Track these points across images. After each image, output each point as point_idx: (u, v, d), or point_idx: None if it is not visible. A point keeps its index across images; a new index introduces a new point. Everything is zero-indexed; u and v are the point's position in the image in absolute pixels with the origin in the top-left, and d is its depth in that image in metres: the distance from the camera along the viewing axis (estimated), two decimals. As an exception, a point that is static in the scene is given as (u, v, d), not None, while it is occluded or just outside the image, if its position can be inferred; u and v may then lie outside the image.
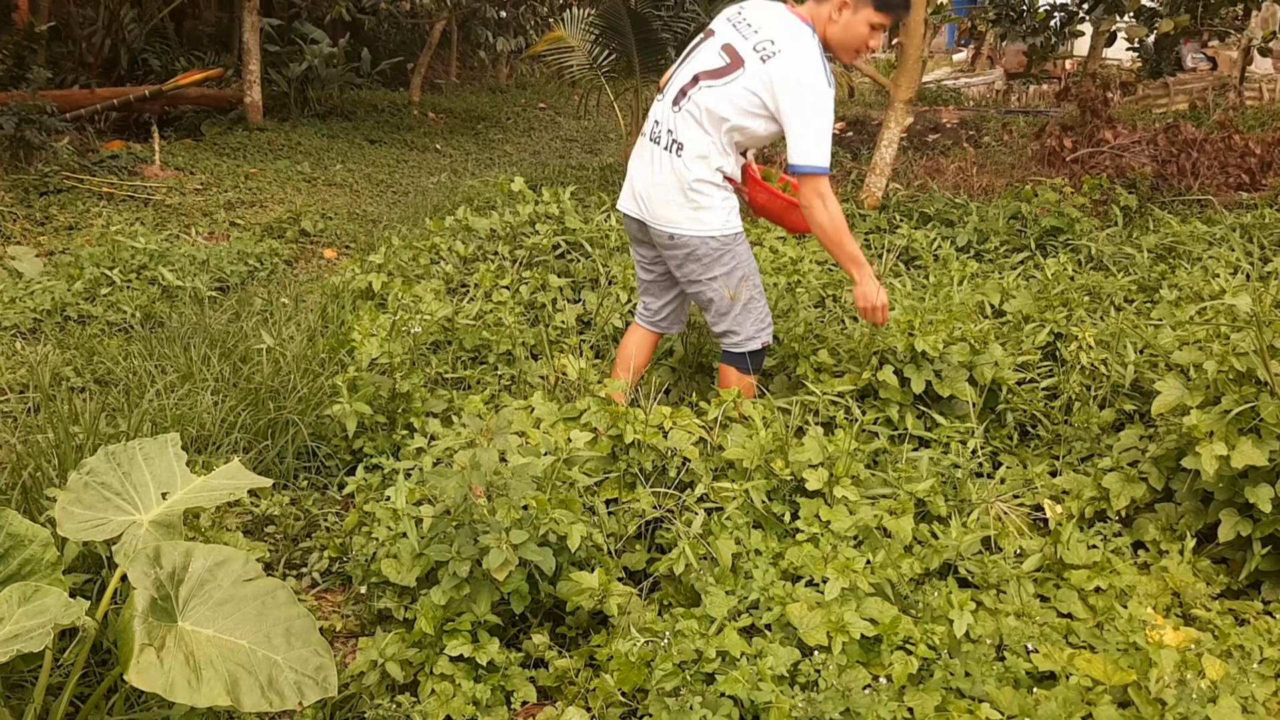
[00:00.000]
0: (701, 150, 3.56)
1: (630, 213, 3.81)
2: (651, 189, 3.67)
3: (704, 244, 3.62)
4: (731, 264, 3.67)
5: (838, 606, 2.64)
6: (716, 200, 3.60)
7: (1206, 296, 4.64)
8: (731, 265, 3.67)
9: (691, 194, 3.57)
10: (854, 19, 3.49)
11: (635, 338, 4.11)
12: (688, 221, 3.60)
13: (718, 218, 3.60)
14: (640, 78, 9.02)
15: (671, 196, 3.61)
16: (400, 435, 3.85)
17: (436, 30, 15.62)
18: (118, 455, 2.67)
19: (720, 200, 3.60)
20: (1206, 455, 3.03)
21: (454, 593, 2.65)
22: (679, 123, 3.61)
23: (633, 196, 3.79)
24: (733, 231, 3.64)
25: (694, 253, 3.65)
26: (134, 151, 9.76)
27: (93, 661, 2.62)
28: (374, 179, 10.53)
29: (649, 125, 3.77)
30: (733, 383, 3.80)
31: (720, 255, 3.64)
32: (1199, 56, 18.45)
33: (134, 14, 13.20)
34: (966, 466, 3.52)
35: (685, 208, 3.59)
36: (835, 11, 3.49)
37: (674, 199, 3.61)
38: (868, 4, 3.47)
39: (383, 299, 5.37)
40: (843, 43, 3.55)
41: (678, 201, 3.60)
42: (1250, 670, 2.62)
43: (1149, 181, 7.51)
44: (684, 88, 3.62)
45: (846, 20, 3.49)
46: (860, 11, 3.48)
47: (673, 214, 3.62)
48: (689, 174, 3.56)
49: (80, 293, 5.68)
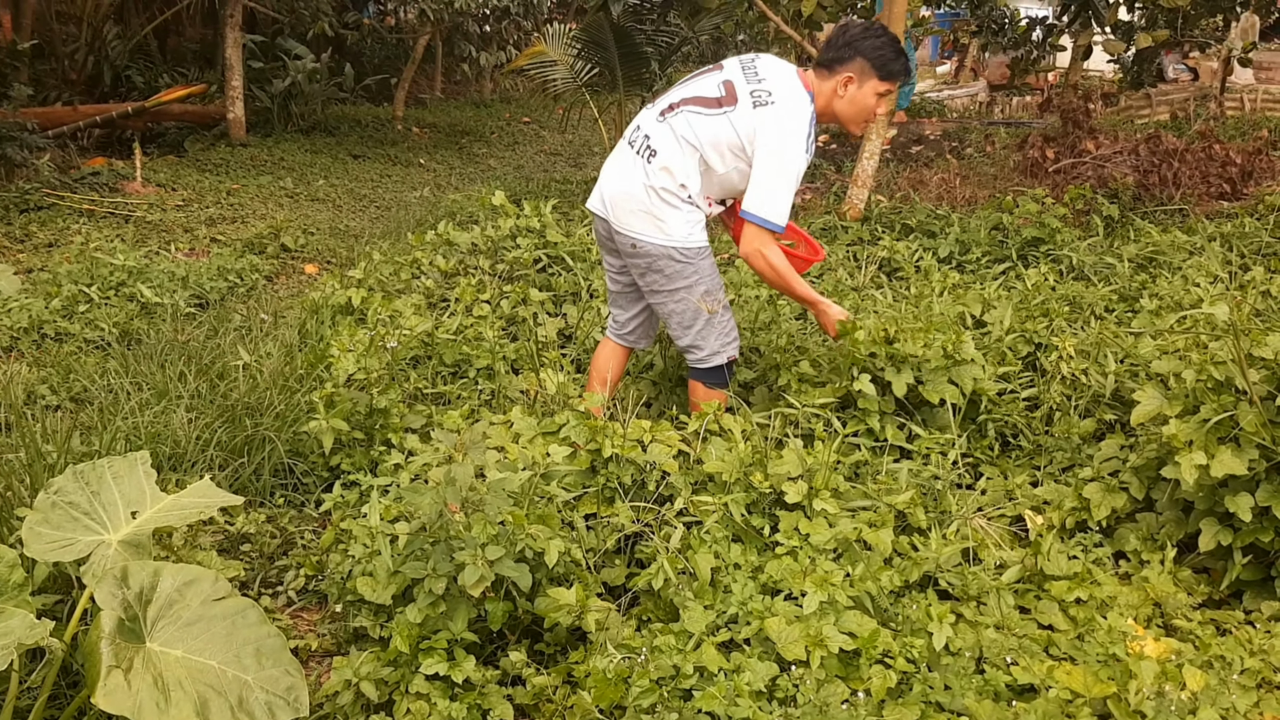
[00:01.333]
0: (672, 163, 3.59)
1: (597, 211, 3.83)
2: (619, 195, 3.69)
3: (666, 255, 3.64)
4: (694, 278, 3.68)
5: (816, 620, 2.61)
6: (680, 212, 3.62)
7: (1186, 306, 4.65)
8: (693, 280, 3.68)
9: (655, 202, 3.60)
10: (860, 93, 3.59)
11: (606, 351, 4.12)
12: (650, 230, 3.63)
13: (680, 230, 3.62)
14: (623, 91, 9.03)
15: (637, 203, 3.63)
16: (378, 451, 3.82)
17: (420, 45, 15.62)
18: (86, 474, 2.64)
19: (684, 213, 3.63)
20: (1186, 464, 3.03)
21: (430, 610, 2.62)
22: (658, 132, 3.65)
23: (600, 198, 3.80)
24: (695, 245, 3.66)
25: (655, 263, 3.67)
26: (116, 168, 9.73)
27: (62, 683, 2.58)
28: (357, 194, 10.52)
29: (630, 129, 3.80)
30: (700, 397, 3.80)
31: (682, 268, 3.66)
32: (1180, 67, 18.59)
33: (117, 31, 13.18)
34: (947, 478, 3.51)
35: (649, 216, 3.62)
36: (841, 87, 3.59)
37: (639, 206, 3.63)
38: (872, 76, 3.56)
39: (362, 314, 5.35)
40: (850, 116, 3.65)
41: (642, 209, 3.63)
42: (1231, 681, 2.60)
43: (1130, 191, 7.54)
44: (674, 104, 3.67)
45: (853, 95, 3.60)
46: (866, 84, 3.58)
47: (636, 222, 3.65)
48: (654, 180, 3.60)
49: (58, 310, 5.64)
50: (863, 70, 3.56)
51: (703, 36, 10.65)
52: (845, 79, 3.57)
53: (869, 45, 3.56)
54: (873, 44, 3.56)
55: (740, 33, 15.70)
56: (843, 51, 3.58)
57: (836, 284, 5.24)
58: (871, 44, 3.56)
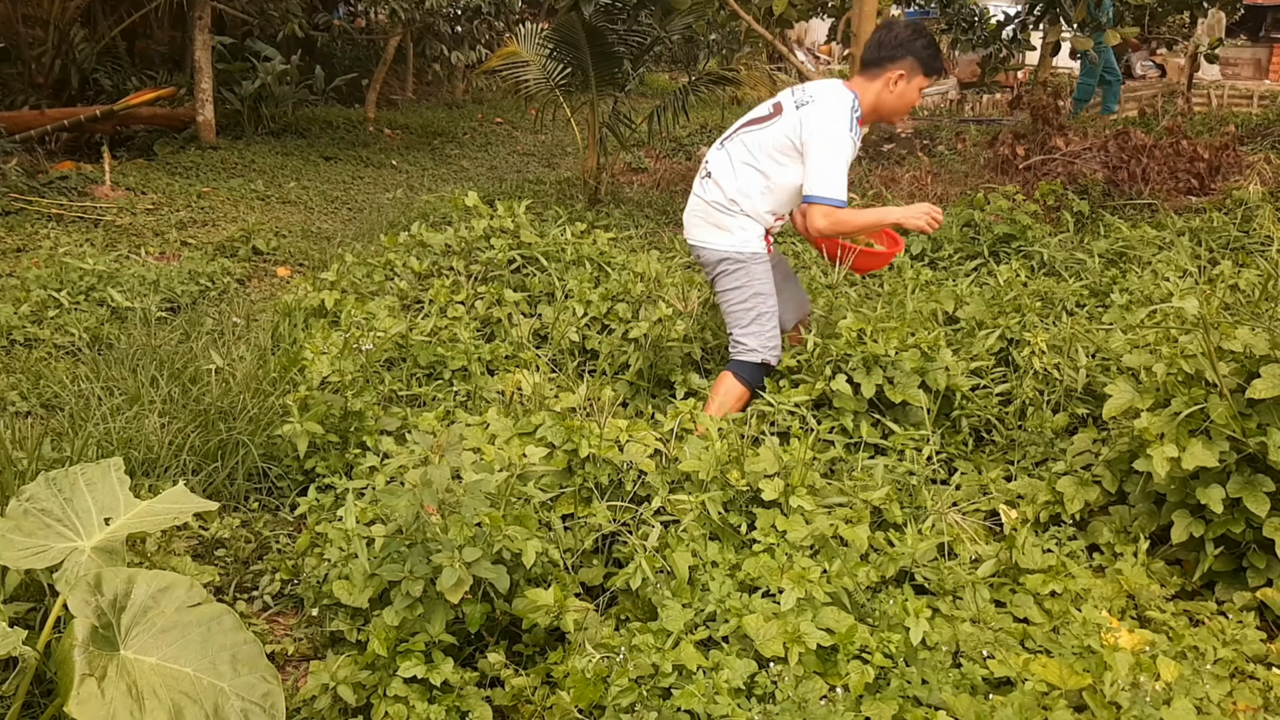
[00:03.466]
0: (723, 180, 4.01)
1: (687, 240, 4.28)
2: (688, 214, 4.19)
3: (722, 258, 4.04)
4: (744, 280, 4.03)
5: (794, 617, 2.62)
6: (735, 220, 4.00)
7: (1156, 300, 4.70)
8: (744, 281, 4.03)
9: (711, 213, 4.04)
10: (908, 87, 3.95)
11: None
12: (710, 237, 4.07)
13: (736, 237, 4.01)
14: (596, 91, 9.01)
15: (698, 216, 4.12)
16: (353, 454, 3.80)
17: (391, 46, 15.55)
18: (59, 481, 2.62)
19: (738, 222, 4.01)
20: (1158, 457, 3.06)
21: (407, 613, 2.62)
22: (716, 157, 4.10)
23: (685, 226, 4.26)
24: (750, 251, 4.01)
25: (715, 266, 4.08)
26: (84, 172, 9.63)
27: (35, 692, 2.55)
28: (329, 196, 10.45)
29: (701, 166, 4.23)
30: (724, 389, 4.01)
31: (735, 271, 4.03)
32: (1148, 64, 18.75)
33: (84, 34, 13.03)
34: (922, 473, 3.53)
35: (707, 225, 4.07)
36: (891, 85, 3.93)
37: (699, 218, 4.11)
38: (919, 72, 3.93)
39: (335, 316, 5.31)
40: (896, 108, 4.01)
41: (701, 219, 4.10)
42: (1204, 671, 2.63)
43: (1100, 187, 7.60)
44: (732, 133, 4.12)
45: (902, 90, 3.95)
46: (914, 80, 3.94)
47: (698, 232, 4.13)
48: (708, 195, 4.05)
49: (27, 315, 5.57)
50: (912, 68, 3.91)
51: (675, 36, 10.64)
52: (896, 75, 3.91)
53: (919, 45, 3.90)
54: (921, 44, 3.90)
55: (712, 32, 15.70)
56: (895, 51, 3.91)
57: (810, 281, 5.25)
58: (920, 44, 3.90)
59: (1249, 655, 2.75)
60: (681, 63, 19.06)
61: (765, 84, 14.03)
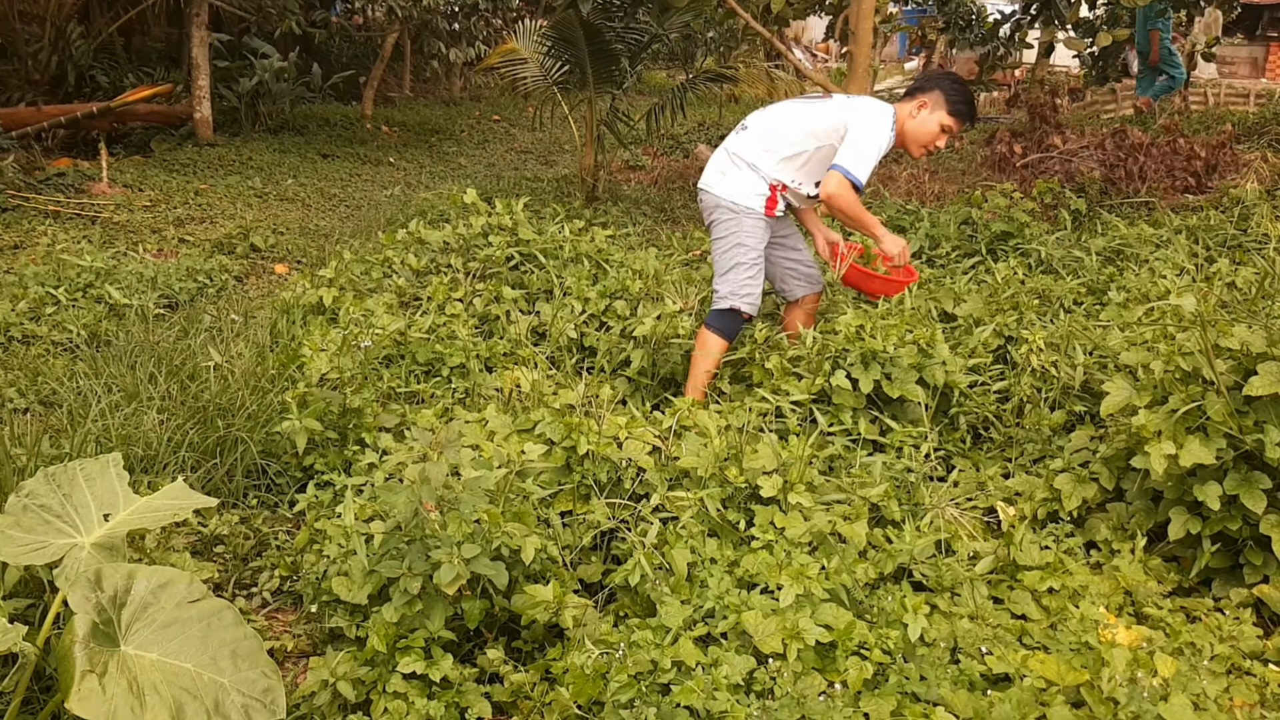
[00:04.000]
0: (754, 133, 4.23)
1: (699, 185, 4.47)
2: (710, 160, 4.39)
3: (717, 204, 4.25)
4: (733, 229, 4.22)
5: (793, 613, 2.63)
6: (741, 174, 4.21)
7: (1153, 298, 4.70)
8: (732, 230, 4.22)
9: (725, 162, 4.27)
10: (930, 117, 4.16)
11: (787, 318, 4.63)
12: (713, 182, 4.28)
13: (737, 189, 4.20)
14: (594, 89, 9.00)
15: (714, 162, 4.33)
16: (352, 451, 3.80)
17: (388, 43, 15.53)
18: (58, 477, 2.61)
19: (744, 175, 4.21)
20: (1155, 454, 3.06)
21: (406, 609, 2.62)
22: (759, 116, 4.33)
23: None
24: (745, 205, 4.19)
25: (709, 210, 4.31)
26: (81, 169, 9.62)
27: (35, 688, 2.55)
28: (326, 193, 10.45)
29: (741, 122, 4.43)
30: (701, 341, 4.22)
31: (726, 220, 4.22)
32: (1145, 63, 18.73)
33: (81, 30, 13.01)
34: (920, 470, 3.53)
35: (714, 171, 4.30)
36: (915, 109, 4.18)
37: (714, 165, 4.32)
38: (943, 107, 4.14)
39: (334, 314, 5.31)
40: (915, 136, 4.19)
41: (716, 166, 4.31)
42: (1201, 667, 2.64)
43: (1097, 185, 7.61)
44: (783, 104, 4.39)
45: (924, 117, 4.16)
46: (936, 112, 4.15)
47: (707, 176, 4.34)
48: (732, 144, 4.28)
49: (25, 312, 5.57)
50: (937, 101, 4.14)
51: (672, 34, 10.63)
52: (921, 103, 4.17)
53: (947, 83, 4.18)
54: (950, 83, 4.19)
55: (710, 29, 15.70)
56: (926, 83, 4.22)
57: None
58: (949, 83, 4.19)
59: (1245, 651, 2.76)
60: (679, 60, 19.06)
61: (763, 81, 14.02)
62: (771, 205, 4.22)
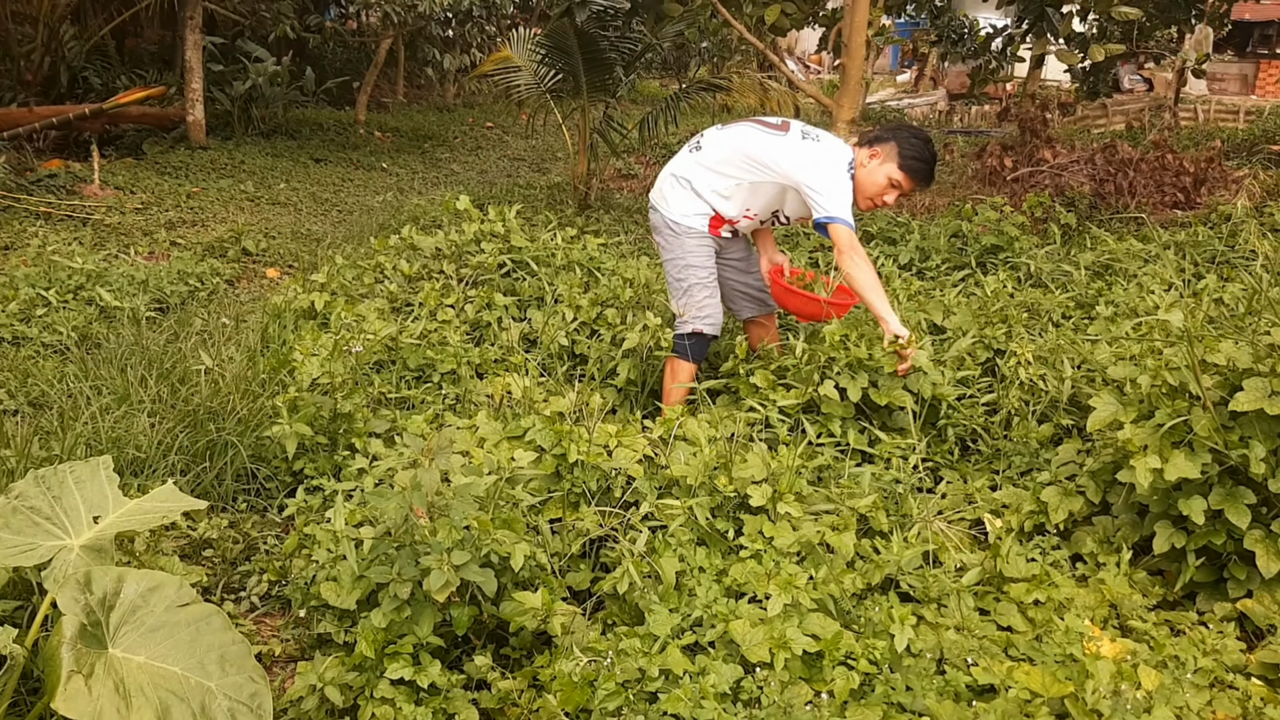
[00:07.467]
0: (706, 160, 4.12)
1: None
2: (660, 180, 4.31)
3: (663, 224, 4.21)
4: (678, 251, 4.19)
5: (780, 623, 2.64)
6: (683, 195, 4.15)
7: (1141, 313, 4.73)
8: (677, 253, 4.19)
9: (673, 180, 4.19)
10: (879, 169, 4.01)
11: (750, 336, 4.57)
12: (659, 201, 4.25)
13: (680, 209, 4.16)
14: (587, 97, 9.03)
15: (662, 182, 4.26)
16: (342, 456, 3.80)
17: (383, 48, 15.54)
18: (47, 479, 2.62)
19: (686, 196, 4.15)
20: (1141, 468, 3.08)
21: (395, 615, 2.62)
22: (714, 134, 4.20)
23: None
24: (687, 226, 4.15)
25: (655, 229, 4.29)
26: (73, 170, 9.60)
27: (23, 690, 2.55)
28: (319, 198, 10.45)
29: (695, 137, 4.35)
30: (671, 369, 4.24)
31: (670, 241, 4.20)
32: (1136, 78, 18.89)
33: (74, 32, 12.99)
34: (908, 482, 3.55)
35: (663, 188, 4.24)
36: (867, 158, 4.03)
37: (662, 184, 4.26)
38: (893, 160, 3.99)
39: (325, 318, 5.32)
40: (863, 186, 4.04)
41: (663, 184, 4.25)
42: (1185, 680, 2.66)
43: (1087, 200, 7.66)
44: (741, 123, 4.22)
45: (873, 167, 4.01)
46: (886, 165, 4.00)
47: (655, 193, 4.31)
48: (678, 165, 4.21)
49: (15, 314, 5.55)
50: (889, 153, 3.99)
51: (666, 43, 10.67)
52: (873, 152, 4.02)
53: (904, 137, 4.01)
54: (907, 137, 4.01)
55: (704, 40, 15.75)
56: (883, 134, 4.06)
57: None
58: (906, 137, 4.01)
59: (1229, 665, 2.78)
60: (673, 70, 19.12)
61: (755, 92, 14.06)
62: (716, 225, 4.18)
